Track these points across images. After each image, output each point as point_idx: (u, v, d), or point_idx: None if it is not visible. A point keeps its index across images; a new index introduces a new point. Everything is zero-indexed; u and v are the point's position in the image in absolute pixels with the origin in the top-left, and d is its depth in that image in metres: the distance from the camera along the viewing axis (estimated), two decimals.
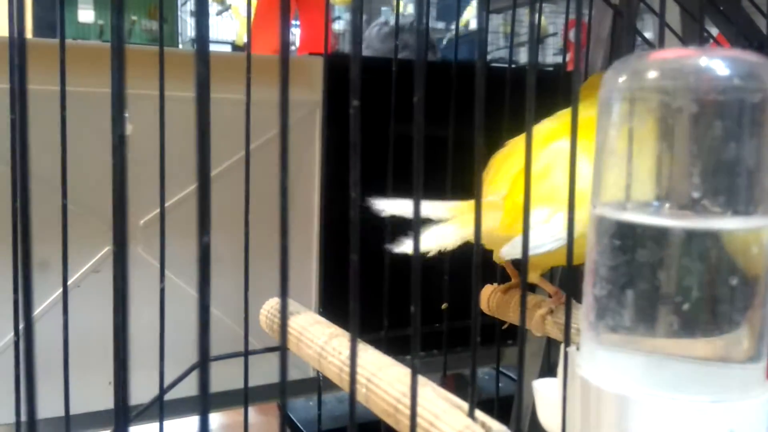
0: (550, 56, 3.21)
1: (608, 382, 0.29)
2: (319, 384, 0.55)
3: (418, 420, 0.32)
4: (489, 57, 3.12)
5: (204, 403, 0.24)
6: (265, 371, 0.63)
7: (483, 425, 0.31)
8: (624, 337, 0.29)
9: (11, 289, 0.67)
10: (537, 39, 0.35)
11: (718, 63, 0.28)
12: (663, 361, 0.29)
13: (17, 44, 0.20)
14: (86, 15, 1.95)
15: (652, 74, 0.29)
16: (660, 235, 0.29)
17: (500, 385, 0.79)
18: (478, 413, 0.32)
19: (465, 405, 0.32)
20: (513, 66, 0.71)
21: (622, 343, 0.30)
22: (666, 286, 0.28)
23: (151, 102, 0.56)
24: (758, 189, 0.28)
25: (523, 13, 0.75)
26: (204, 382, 0.24)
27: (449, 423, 0.31)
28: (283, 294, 0.27)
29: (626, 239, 0.29)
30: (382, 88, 0.60)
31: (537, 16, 0.34)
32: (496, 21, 3.13)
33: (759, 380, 0.28)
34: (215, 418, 1.04)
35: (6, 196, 0.61)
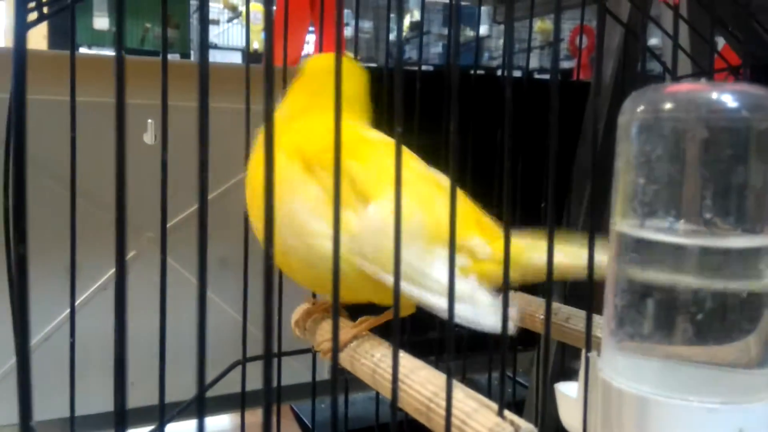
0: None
1: (628, 384, 0.32)
2: (346, 385, 0.58)
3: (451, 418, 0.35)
4: (495, 63, 3.16)
5: (267, 394, 0.26)
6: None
7: (512, 423, 0.34)
8: (642, 344, 0.32)
9: (41, 291, 0.69)
10: (556, 55, 0.38)
11: (727, 96, 0.31)
12: (677, 365, 0.32)
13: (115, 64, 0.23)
14: (101, 22, 1.98)
15: (667, 106, 0.32)
16: (675, 251, 0.31)
17: (509, 390, 0.81)
18: (507, 413, 0.35)
19: (494, 405, 0.35)
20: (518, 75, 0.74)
21: (640, 349, 0.33)
22: (680, 297, 0.31)
23: (173, 111, 0.58)
24: (766, 209, 0.31)
25: (526, 23, 0.81)
26: (268, 377, 0.26)
27: (480, 421, 0.34)
28: (335, 297, 0.30)
29: (644, 254, 0.32)
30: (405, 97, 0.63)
31: (557, 28, 0.37)
32: (500, 28, 3.15)
33: (766, 384, 0.31)
34: (226, 420, 1.06)
35: (46, 207, 0.64)
